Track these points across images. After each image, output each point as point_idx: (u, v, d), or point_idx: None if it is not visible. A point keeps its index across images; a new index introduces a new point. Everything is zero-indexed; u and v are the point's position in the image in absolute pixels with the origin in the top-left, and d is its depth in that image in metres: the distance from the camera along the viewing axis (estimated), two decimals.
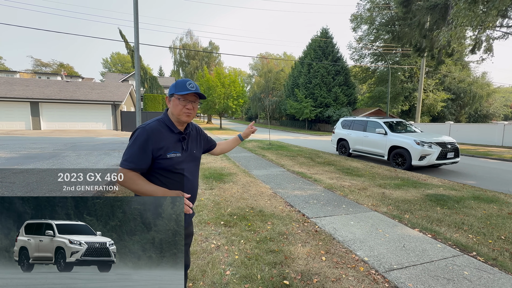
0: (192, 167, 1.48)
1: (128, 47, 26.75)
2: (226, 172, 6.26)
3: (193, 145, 1.51)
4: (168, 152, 1.35)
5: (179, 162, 1.38)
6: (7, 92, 18.06)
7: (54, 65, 52.06)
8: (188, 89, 1.35)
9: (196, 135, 1.56)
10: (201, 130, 1.65)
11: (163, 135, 1.36)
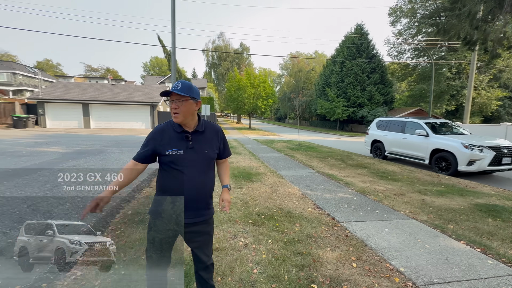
0: (200, 165, 1.51)
1: (165, 51, 28.48)
2: (254, 172, 6.32)
3: (206, 144, 1.54)
4: (167, 150, 1.46)
5: (180, 159, 1.46)
6: (64, 95, 20.48)
7: (102, 69, 57.67)
8: (171, 89, 1.46)
9: (213, 136, 1.60)
10: (221, 133, 1.67)
11: (165, 134, 1.49)
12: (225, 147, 1.70)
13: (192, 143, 1.50)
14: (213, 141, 1.59)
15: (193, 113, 1.51)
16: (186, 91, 1.43)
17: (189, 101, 1.45)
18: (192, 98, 1.47)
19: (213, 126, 1.62)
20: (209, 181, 1.56)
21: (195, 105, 1.50)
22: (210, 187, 1.57)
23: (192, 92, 1.47)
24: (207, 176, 1.54)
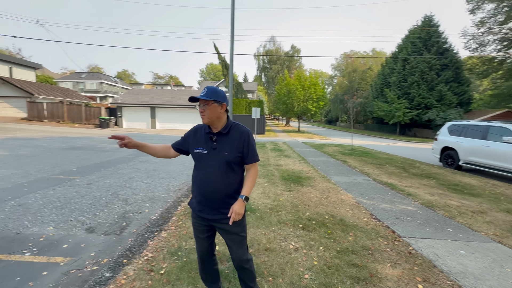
0: (218, 166, 1.58)
1: (220, 58, 30.37)
2: (304, 176, 6.21)
3: (227, 146, 1.59)
4: (195, 148, 1.64)
5: (203, 158, 1.61)
6: (136, 100, 23.77)
7: (166, 77, 64.86)
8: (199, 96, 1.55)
9: (236, 139, 1.60)
10: (245, 136, 1.62)
11: (197, 134, 1.67)
12: (250, 151, 1.62)
13: (216, 144, 1.60)
14: (235, 143, 1.59)
15: (219, 116, 1.58)
16: (210, 96, 1.53)
17: (213, 105, 1.54)
18: (216, 101, 1.54)
19: (239, 129, 1.63)
20: (226, 182, 1.59)
21: (220, 107, 1.57)
22: (227, 188, 1.59)
23: (217, 96, 1.54)
24: (225, 177, 1.58)
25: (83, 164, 6.72)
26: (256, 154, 1.66)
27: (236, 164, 1.61)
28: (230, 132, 1.61)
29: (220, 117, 1.59)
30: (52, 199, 4.02)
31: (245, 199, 1.58)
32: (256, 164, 1.68)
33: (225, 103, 1.59)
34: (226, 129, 1.60)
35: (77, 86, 45.17)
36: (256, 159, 1.65)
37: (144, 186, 4.98)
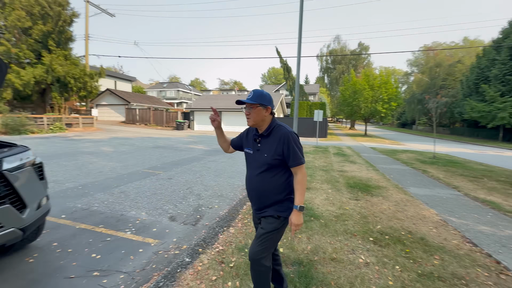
0: (258, 167, 1.64)
1: (282, 61, 30.71)
2: (373, 184, 5.66)
3: (267, 148, 1.62)
4: (246, 147, 1.76)
5: (249, 158, 1.73)
6: (206, 105, 26.30)
7: (231, 83, 69.52)
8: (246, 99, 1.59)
9: (276, 141, 1.60)
10: (285, 138, 1.58)
11: (249, 134, 1.76)
12: (291, 153, 1.57)
13: (259, 146, 1.66)
14: (275, 146, 1.60)
15: (263, 118, 1.62)
16: (255, 99, 1.58)
17: (258, 108, 1.59)
18: (261, 105, 1.59)
19: (279, 131, 1.62)
20: (264, 184, 1.62)
21: (265, 111, 1.61)
22: (266, 189, 1.63)
23: (262, 99, 1.59)
24: (263, 178, 1.62)
25: (165, 161, 7.84)
26: (299, 157, 1.58)
27: (276, 166, 1.61)
28: (271, 134, 1.64)
29: (265, 120, 1.63)
30: (144, 190, 4.83)
31: (300, 209, 1.56)
32: (302, 167, 1.60)
33: (270, 107, 1.62)
34: (267, 131, 1.64)
35: (160, 94, 53.08)
36: (299, 162, 1.58)
37: (213, 184, 5.46)
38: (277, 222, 1.63)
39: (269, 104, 1.61)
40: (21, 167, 2.00)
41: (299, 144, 1.62)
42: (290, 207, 1.63)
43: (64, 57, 18.29)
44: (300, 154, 1.59)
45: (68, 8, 18.83)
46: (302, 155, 1.60)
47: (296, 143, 1.59)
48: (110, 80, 32.35)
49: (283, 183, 1.63)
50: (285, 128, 1.63)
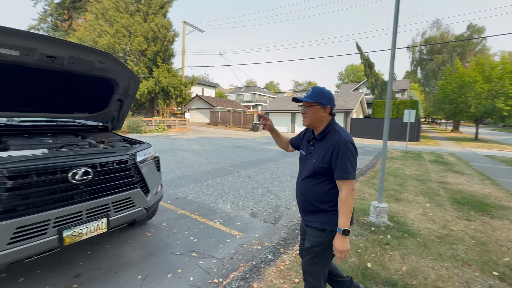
0: (306, 172, 1.56)
1: (362, 57, 28.07)
2: (492, 203, 4.43)
3: (317, 153, 1.50)
4: (301, 148, 1.71)
5: (301, 159, 1.67)
6: (279, 107, 26.81)
7: (305, 83, 68.48)
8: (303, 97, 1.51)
9: (327, 147, 1.44)
10: (336, 146, 1.40)
11: (306, 134, 1.69)
12: (338, 163, 1.38)
13: (312, 149, 1.56)
14: (325, 152, 1.45)
15: (320, 119, 1.51)
16: (313, 97, 1.48)
17: (315, 107, 1.48)
18: (319, 104, 1.47)
19: (334, 137, 1.45)
20: (308, 189, 1.53)
21: (323, 110, 1.49)
22: (309, 195, 1.53)
23: (321, 98, 1.47)
24: (308, 184, 1.53)
25: (243, 160, 8.43)
26: (348, 171, 1.37)
27: (323, 174, 1.47)
28: (325, 139, 1.50)
29: (322, 121, 1.51)
30: (227, 185, 5.32)
31: (343, 233, 1.38)
32: (349, 184, 1.38)
33: (330, 106, 1.49)
34: (321, 134, 1.52)
35: (238, 98, 57.56)
36: (345, 176, 1.37)
37: (290, 185, 5.49)
38: (322, 235, 1.49)
39: (328, 103, 1.48)
40: (146, 160, 2.53)
41: (353, 156, 1.40)
42: (334, 220, 1.44)
43: (167, 71, 22.28)
44: (350, 167, 1.38)
45: (171, 30, 22.85)
46: (353, 170, 1.38)
47: (348, 153, 1.39)
48: (199, 87, 37.31)
49: (327, 192, 1.47)
50: (341, 134, 1.44)
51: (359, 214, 3.73)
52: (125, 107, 3.17)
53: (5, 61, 2.05)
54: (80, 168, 1.90)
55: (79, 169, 1.89)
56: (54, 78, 2.45)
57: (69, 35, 23.03)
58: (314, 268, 1.53)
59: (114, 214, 2.15)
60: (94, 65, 2.44)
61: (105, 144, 2.85)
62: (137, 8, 21.68)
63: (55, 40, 2.05)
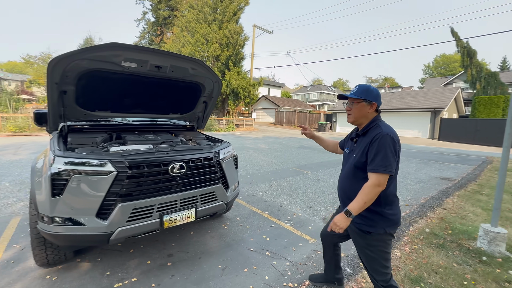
0: (347, 168, 1.56)
1: (459, 44, 23.18)
2: None
3: (359, 149, 1.50)
4: (345, 147, 1.74)
5: (344, 157, 1.68)
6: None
7: (380, 80, 61.57)
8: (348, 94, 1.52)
9: (366, 141, 1.45)
10: (375, 140, 1.38)
11: (351, 134, 1.69)
12: (374, 156, 1.37)
13: (355, 145, 1.56)
14: (365, 146, 1.45)
15: (366, 115, 1.50)
16: (359, 94, 1.47)
17: (361, 103, 1.48)
18: (365, 100, 1.46)
19: (374, 131, 1.45)
20: (351, 185, 1.50)
21: (369, 107, 1.48)
22: (350, 191, 1.49)
23: (367, 94, 1.47)
24: (351, 179, 1.51)
25: (311, 161, 8.16)
26: (382, 163, 1.33)
27: (363, 170, 1.44)
28: (367, 134, 1.50)
29: (367, 117, 1.51)
30: (296, 186, 5.24)
31: (346, 213, 1.38)
32: (377, 177, 1.34)
33: (376, 103, 1.48)
34: (364, 130, 1.52)
35: (303, 97, 56.48)
36: (378, 169, 1.33)
37: None
38: (368, 238, 1.49)
39: (375, 99, 1.48)
40: (227, 158, 2.71)
41: (390, 150, 1.35)
42: (379, 223, 1.44)
43: (237, 73, 23.76)
44: (387, 161, 1.33)
45: (242, 35, 24.23)
46: (389, 164, 1.33)
47: (385, 146, 1.35)
48: (265, 88, 38.36)
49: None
50: (382, 128, 1.43)
51: (461, 237, 3.05)
52: (209, 108, 3.49)
53: (126, 72, 2.53)
54: (177, 162, 2.17)
55: (176, 163, 2.16)
56: (157, 84, 2.89)
57: (160, 47, 27.37)
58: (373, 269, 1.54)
59: (201, 205, 2.38)
60: (188, 71, 2.76)
61: (192, 141, 3.20)
62: (213, 18, 23.88)
63: (161, 52, 2.40)
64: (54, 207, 1.82)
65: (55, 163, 1.85)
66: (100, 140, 2.63)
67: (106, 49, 2.14)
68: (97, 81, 2.49)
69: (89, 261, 2.38)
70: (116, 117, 3.10)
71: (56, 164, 1.84)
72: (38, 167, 2.12)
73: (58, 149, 2.00)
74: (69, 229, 1.84)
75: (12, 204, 3.73)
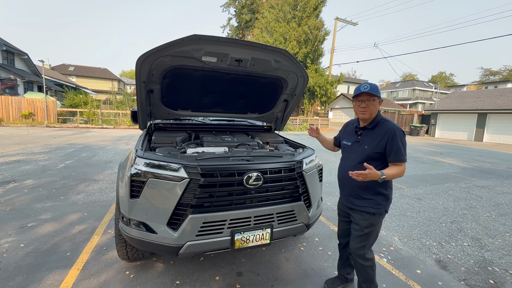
0: (356, 158, 1.70)
1: None
2: None
3: (369, 141, 1.66)
4: (343, 140, 1.88)
5: (346, 149, 1.84)
6: (458, 105, 19.84)
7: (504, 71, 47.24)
8: (361, 90, 1.64)
9: (380, 135, 1.62)
10: (391, 134, 1.59)
11: (348, 127, 1.91)
12: (394, 149, 1.58)
13: (360, 138, 1.72)
14: (378, 139, 1.62)
15: (376, 111, 1.68)
16: (376, 91, 1.62)
17: (376, 100, 1.64)
18: (378, 97, 1.64)
19: (387, 126, 1.63)
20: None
21: (379, 103, 1.67)
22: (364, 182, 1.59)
23: (377, 92, 1.64)
24: (360, 169, 1.55)
25: (406, 173, 6.66)
26: (402, 153, 1.58)
27: (374, 160, 1.62)
28: (376, 128, 1.66)
29: (376, 113, 1.68)
30: None
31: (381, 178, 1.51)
32: (403, 165, 1.60)
33: (382, 100, 1.69)
34: (372, 124, 1.68)
35: (390, 95, 49.28)
36: (401, 158, 1.58)
37: (501, 228, 3.51)
38: (372, 218, 1.68)
39: (381, 97, 1.67)
40: (311, 169, 2.19)
41: (405, 142, 1.62)
42: (383, 204, 1.68)
43: (315, 71, 22.59)
44: (405, 151, 1.59)
45: (322, 30, 22.84)
46: (405, 154, 1.59)
47: (402, 140, 1.60)
48: (344, 86, 35.35)
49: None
50: (393, 123, 1.64)
51: None
52: (289, 108, 3.05)
53: (206, 68, 2.37)
54: (253, 172, 1.81)
55: (252, 173, 1.81)
56: (236, 81, 2.64)
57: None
58: (368, 247, 1.76)
59: (277, 225, 1.97)
60: (271, 64, 2.38)
61: (270, 145, 2.84)
62: (293, 15, 23.40)
63: (243, 43, 2.10)
64: (131, 209, 1.75)
65: (135, 163, 1.78)
66: (179, 139, 2.57)
67: (189, 42, 1.97)
68: (179, 79, 2.42)
69: (163, 263, 2.34)
70: (196, 116, 3.05)
71: (137, 164, 1.77)
72: (124, 164, 2.16)
73: (140, 149, 1.95)
74: (142, 234, 1.75)
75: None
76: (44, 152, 7.35)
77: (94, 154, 7.32)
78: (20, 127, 14.43)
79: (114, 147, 8.75)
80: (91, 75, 37.47)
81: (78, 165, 6.01)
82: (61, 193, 4.08)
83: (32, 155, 6.79)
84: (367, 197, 1.68)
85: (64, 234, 2.80)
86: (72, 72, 36.45)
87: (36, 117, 16.11)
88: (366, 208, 1.68)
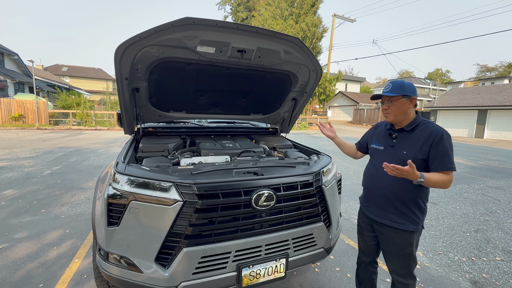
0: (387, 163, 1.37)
1: None
2: None
3: (408, 145, 1.41)
4: (372, 143, 1.62)
5: (378, 154, 1.55)
6: (457, 102, 19.66)
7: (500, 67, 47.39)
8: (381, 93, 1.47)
9: (422, 138, 1.37)
10: (435, 138, 1.33)
11: (377, 129, 1.64)
12: (439, 154, 1.31)
13: (395, 142, 1.47)
14: (420, 144, 1.37)
15: (406, 111, 1.42)
16: (396, 91, 1.40)
17: (400, 100, 1.41)
18: (404, 96, 1.40)
19: (429, 128, 1.38)
20: (398, 183, 1.38)
21: (409, 102, 1.41)
22: (398, 190, 1.40)
23: (404, 90, 1.40)
24: (400, 178, 1.33)
25: None
26: (451, 161, 1.30)
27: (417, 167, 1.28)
28: (416, 131, 1.42)
29: (408, 113, 1.43)
30: None
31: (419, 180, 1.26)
32: (451, 175, 1.32)
33: (415, 97, 1.41)
34: (411, 126, 1.43)
35: None
36: (449, 166, 1.30)
37: None
38: (410, 237, 1.43)
39: (413, 94, 1.41)
40: (329, 181, 1.83)
41: (452, 146, 1.35)
42: (420, 218, 1.43)
43: None
44: (452, 158, 1.32)
45: (320, 27, 22.47)
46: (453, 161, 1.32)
47: (450, 144, 1.34)
48: (342, 83, 35.06)
49: (418, 188, 1.38)
50: (436, 125, 1.39)
51: None
52: (298, 107, 2.68)
53: (202, 61, 1.98)
54: (263, 190, 1.44)
55: (262, 191, 1.43)
56: (238, 77, 2.26)
57: None
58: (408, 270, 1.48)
59: (293, 253, 1.60)
60: (279, 56, 2.00)
61: (277, 151, 2.46)
62: (290, 12, 23.00)
63: (247, 29, 1.71)
64: (110, 240, 1.37)
65: (114, 181, 1.40)
66: (172, 146, 2.19)
67: (180, 28, 1.59)
68: (169, 74, 2.03)
69: None
70: (191, 119, 2.66)
71: (115, 183, 1.39)
72: (104, 178, 1.77)
73: (122, 161, 1.57)
74: (124, 273, 1.36)
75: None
76: (31, 157, 6.89)
77: (85, 159, 6.88)
78: (9, 130, 13.86)
79: (106, 150, 8.30)
80: (85, 75, 36.70)
81: (66, 171, 5.58)
82: (43, 205, 3.67)
83: (17, 161, 6.34)
84: (403, 211, 1.42)
85: (39, 258, 2.40)
86: (65, 72, 35.65)
87: (26, 119, 15.53)
88: (403, 225, 1.43)
